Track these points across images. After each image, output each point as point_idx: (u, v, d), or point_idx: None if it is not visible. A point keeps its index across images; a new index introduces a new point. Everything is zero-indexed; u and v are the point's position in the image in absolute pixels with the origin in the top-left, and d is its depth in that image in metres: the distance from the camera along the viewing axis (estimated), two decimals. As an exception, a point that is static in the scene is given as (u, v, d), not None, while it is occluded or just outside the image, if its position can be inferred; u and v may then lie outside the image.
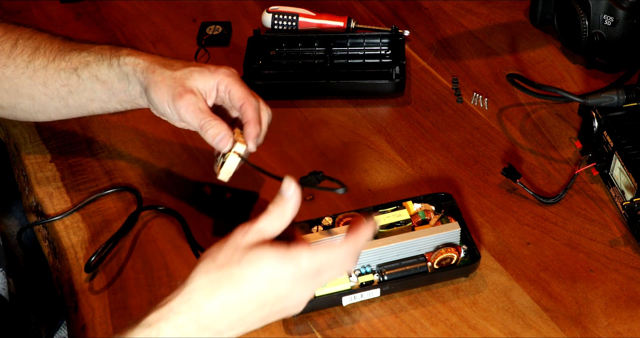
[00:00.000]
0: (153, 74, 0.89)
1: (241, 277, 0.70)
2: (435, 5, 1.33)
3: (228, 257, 0.71)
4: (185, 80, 0.88)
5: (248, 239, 0.72)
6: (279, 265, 0.71)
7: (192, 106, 0.87)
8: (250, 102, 0.89)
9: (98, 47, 0.94)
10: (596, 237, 0.96)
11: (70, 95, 0.95)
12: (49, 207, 1.03)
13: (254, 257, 0.71)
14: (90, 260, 0.93)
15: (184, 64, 0.91)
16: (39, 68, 0.94)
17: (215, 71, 0.90)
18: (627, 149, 0.95)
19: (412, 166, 1.06)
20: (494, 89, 1.17)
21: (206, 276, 0.71)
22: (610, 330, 0.86)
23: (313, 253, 0.72)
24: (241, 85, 0.90)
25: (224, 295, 0.70)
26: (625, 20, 1.10)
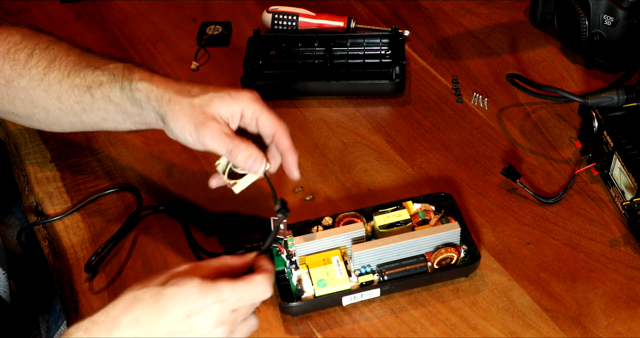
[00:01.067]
0: (169, 103, 0.86)
1: (161, 295, 0.72)
2: (435, 5, 1.33)
3: (156, 280, 0.74)
4: (206, 107, 0.85)
5: (181, 268, 0.75)
6: (200, 292, 0.72)
7: (217, 133, 0.84)
8: (283, 130, 0.86)
9: (112, 65, 0.91)
10: (596, 237, 0.96)
11: (84, 113, 0.93)
12: (49, 207, 1.03)
13: (179, 280, 0.73)
14: (90, 260, 0.93)
15: (201, 88, 0.87)
16: (54, 82, 0.92)
17: (237, 96, 0.86)
18: (627, 149, 0.95)
19: (412, 166, 1.06)
20: (494, 89, 1.17)
21: (130, 292, 0.73)
22: (610, 330, 0.86)
23: (234, 285, 0.73)
24: (269, 112, 0.86)
25: (139, 310, 0.71)
26: (625, 20, 1.10)
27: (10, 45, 0.94)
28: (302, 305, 0.87)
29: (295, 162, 0.87)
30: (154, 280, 0.74)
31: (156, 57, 1.25)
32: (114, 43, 1.27)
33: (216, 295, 0.72)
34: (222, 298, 0.72)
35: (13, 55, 0.93)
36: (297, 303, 0.87)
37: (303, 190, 1.03)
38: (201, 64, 1.23)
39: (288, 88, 1.15)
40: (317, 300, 0.87)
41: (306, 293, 0.88)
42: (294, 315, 0.88)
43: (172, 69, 1.22)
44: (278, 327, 0.88)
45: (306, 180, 1.04)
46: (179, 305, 0.71)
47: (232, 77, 1.20)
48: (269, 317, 0.88)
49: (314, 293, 0.87)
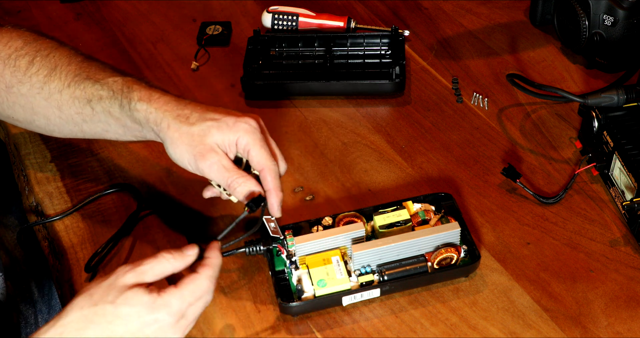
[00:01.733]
0: (168, 130, 0.86)
1: (114, 316, 0.72)
2: (435, 5, 1.33)
3: (103, 295, 0.73)
4: (204, 137, 0.84)
5: (127, 279, 0.74)
6: (152, 309, 0.73)
7: (215, 165, 0.84)
8: (270, 169, 0.86)
9: (112, 79, 0.90)
10: (596, 237, 0.96)
11: (85, 123, 0.93)
12: (49, 207, 1.03)
13: (128, 297, 0.73)
14: (90, 260, 0.93)
15: (200, 114, 0.86)
16: (54, 92, 0.92)
17: (234, 126, 0.85)
18: (627, 149, 0.95)
19: (412, 166, 1.06)
20: (494, 89, 1.17)
21: (80, 311, 0.73)
22: (610, 330, 0.86)
23: (181, 292, 0.75)
24: (261, 146, 0.85)
25: (93, 332, 0.72)
26: (625, 20, 1.10)
27: (12, 51, 0.93)
28: (302, 305, 0.87)
29: (277, 203, 0.87)
30: (101, 293, 0.73)
31: (156, 57, 1.25)
32: (114, 43, 1.27)
33: (167, 310, 0.74)
34: (174, 312, 0.74)
35: (14, 61, 0.93)
36: (297, 303, 0.87)
37: (303, 190, 1.03)
38: (201, 64, 1.23)
39: (288, 88, 1.15)
40: (317, 300, 0.87)
41: (306, 293, 0.88)
42: (294, 315, 0.88)
43: (172, 69, 1.22)
44: (278, 327, 0.88)
45: (306, 180, 1.04)
46: (133, 324, 0.73)
47: (232, 77, 1.20)
48: (269, 317, 0.88)
49: (314, 293, 0.87)
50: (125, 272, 0.75)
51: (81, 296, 0.74)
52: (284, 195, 0.87)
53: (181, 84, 1.20)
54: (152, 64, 1.23)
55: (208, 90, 1.18)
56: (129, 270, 0.75)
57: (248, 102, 1.16)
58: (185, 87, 1.19)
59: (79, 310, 0.73)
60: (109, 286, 0.74)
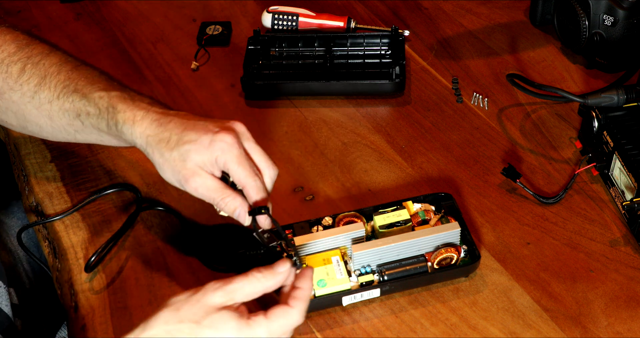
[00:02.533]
0: (153, 154, 0.85)
1: (197, 337, 0.70)
2: (435, 5, 1.33)
3: (190, 312, 0.71)
4: (185, 162, 0.83)
5: (216, 299, 0.72)
6: (237, 335, 0.71)
7: (200, 188, 0.83)
8: (250, 186, 0.83)
9: (98, 95, 0.89)
10: (596, 237, 0.96)
11: (78, 133, 0.93)
12: (49, 207, 1.03)
13: (216, 320, 0.71)
14: (90, 260, 0.93)
15: (178, 136, 0.84)
16: (45, 102, 0.91)
17: (211, 146, 0.82)
18: (627, 149, 0.95)
19: (412, 166, 1.06)
20: (494, 89, 1.17)
21: (165, 326, 0.71)
22: (610, 330, 0.86)
23: (269, 324, 0.72)
24: (238, 164, 0.83)
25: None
26: (625, 20, 1.10)
27: (4, 56, 0.93)
28: (302, 305, 0.87)
29: (262, 217, 0.84)
30: (188, 310, 0.71)
31: (156, 57, 1.25)
32: (114, 43, 1.27)
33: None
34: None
35: (6, 67, 0.92)
36: (297, 303, 0.87)
37: (303, 190, 1.03)
38: (201, 64, 1.23)
39: (288, 88, 1.15)
40: (317, 300, 0.87)
41: (306, 293, 0.88)
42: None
43: (172, 69, 1.22)
44: (278, 327, 0.88)
45: (306, 180, 1.04)
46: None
47: (232, 77, 1.20)
48: (269, 317, 0.88)
49: (314, 293, 0.87)
50: (215, 289, 0.72)
51: (167, 309, 0.72)
52: (284, 197, 0.87)
53: (181, 84, 1.20)
54: (152, 64, 1.23)
55: (208, 90, 1.18)
56: (219, 288, 0.72)
57: (248, 102, 1.16)
58: (185, 87, 1.19)
59: (163, 325, 0.71)
60: (197, 303, 0.71)
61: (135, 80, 1.20)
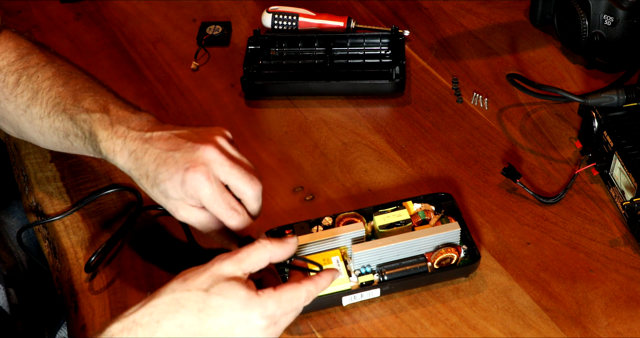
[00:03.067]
0: (140, 185, 0.84)
1: (205, 304, 0.70)
2: (435, 5, 1.32)
3: (199, 281, 0.71)
4: (167, 198, 0.82)
5: (224, 268, 0.72)
6: (246, 307, 0.71)
7: (190, 219, 0.82)
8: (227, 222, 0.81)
9: (82, 119, 0.87)
10: (596, 237, 0.96)
11: (69, 150, 0.93)
12: (49, 207, 1.03)
13: (224, 288, 0.71)
14: (90, 260, 0.93)
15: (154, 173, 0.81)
16: (36, 117, 0.91)
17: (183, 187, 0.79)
18: (627, 149, 0.95)
19: (412, 166, 1.06)
20: (494, 89, 1.17)
21: (172, 294, 0.71)
22: (610, 330, 0.86)
23: (279, 297, 0.72)
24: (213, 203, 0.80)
25: (183, 317, 0.70)
26: (625, 20, 1.10)
27: (4, 64, 0.93)
28: (302, 305, 0.87)
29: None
30: (196, 279, 0.71)
31: (156, 57, 1.25)
32: (114, 43, 1.27)
33: (262, 311, 0.71)
34: (267, 315, 0.72)
35: (4, 76, 0.92)
36: (297, 303, 0.87)
37: (303, 190, 1.03)
38: (201, 64, 1.23)
39: (288, 88, 1.15)
40: (317, 300, 0.87)
41: (306, 293, 0.88)
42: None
43: (172, 69, 1.22)
44: (278, 327, 0.88)
45: (306, 180, 1.04)
46: (224, 317, 0.70)
47: (232, 77, 1.20)
48: (269, 317, 0.88)
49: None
50: (223, 259, 0.72)
51: (176, 280, 0.72)
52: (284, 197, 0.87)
53: (181, 84, 1.20)
54: (152, 64, 1.23)
55: (208, 90, 1.18)
56: (227, 258, 0.72)
57: (248, 102, 1.16)
58: (185, 87, 1.19)
59: (171, 293, 0.71)
60: (205, 273, 0.72)
61: (135, 80, 1.20)
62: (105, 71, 1.22)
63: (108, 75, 1.21)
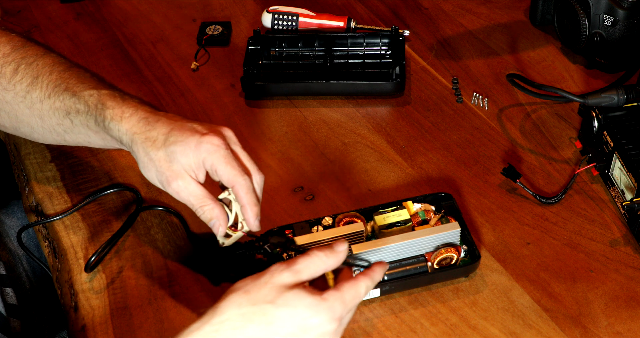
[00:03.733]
0: (138, 152, 0.85)
1: (274, 317, 0.70)
2: (435, 5, 1.33)
3: (262, 294, 0.70)
4: (170, 163, 0.83)
5: (284, 279, 0.72)
6: (316, 313, 0.70)
7: (182, 192, 0.83)
8: (240, 184, 0.83)
9: (88, 93, 0.89)
10: (596, 237, 0.96)
11: (66, 133, 0.93)
12: (49, 207, 1.03)
13: (289, 298, 0.70)
14: (90, 260, 0.93)
15: (165, 136, 0.83)
16: (36, 101, 0.91)
17: (197, 148, 0.82)
18: (627, 149, 0.95)
19: (412, 166, 1.06)
20: (494, 89, 1.17)
21: (238, 309, 0.70)
22: (610, 330, 0.86)
23: (342, 296, 0.72)
24: (226, 164, 0.83)
25: (254, 331, 0.69)
26: (625, 20, 1.10)
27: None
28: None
29: (252, 217, 0.84)
30: (259, 292, 0.71)
31: (156, 57, 1.25)
32: (114, 43, 1.27)
33: (331, 315, 0.71)
34: (336, 317, 0.71)
35: (0, 68, 0.93)
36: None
37: (303, 190, 1.03)
38: (201, 64, 1.23)
39: (288, 88, 1.15)
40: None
41: (306, 293, 0.88)
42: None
43: (172, 69, 1.22)
44: (278, 327, 0.88)
45: (306, 180, 1.04)
46: (295, 327, 0.70)
47: (232, 77, 1.20)
48: (269, 317, 0.88)
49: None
50: (282, 270, 0.72)
51: (236, 293, 0.71)
52: (284, 197, 0.87)
53: (181, 84, 1.20)
54: (152, 64, 1.23)
55: (208, 90, 1.18)
56: (285, 269, 0.72)
57: (248, 102, 1.16)
58: (185, 87, 1.19)
59: (236, 308, 0.70)
60: (267, 285, 0.71)
61: (135, 80, 1.20)
62: (105, 71, 1.22)
63: (108, 75, 1.21)
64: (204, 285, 0.92)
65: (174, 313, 0.90)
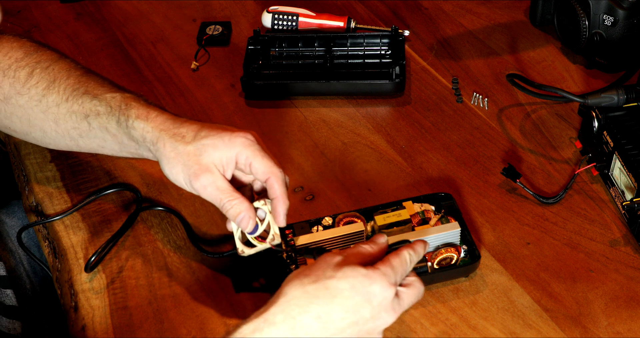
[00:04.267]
0: (164, 149, 0.84)
1: (337, 289, 0.73)
2: (435, 5, 1.33)
3: (321, 272, 0.74)
4: (200, 157, 0.83)
5: (336, 259, 0.76)
6: (374, 280, 0.74)
7: (210, 187, 0.83)
8: (276, 176, 0.85)
9: (110, 95, 0.90)
10: (596, 237, 0.96)
11: (81, 138, 0.93)
12: (49, 207, 1.03)
13: (347, 271, 0.74)
14: (90, 260, 0.93)
15: (195, 132, 0.85)
16: (52, 105, 0.91)
17: (231, 142, 0.84)
18: (627, 149, 0.95)
19: (412, 166, 1.06)
20: (494, 89, 1.17)
21: (302, 288, 0.73)
22: (610, 330, 0.86)
23: (390, 263, 0.76)
24: (263, 156, 0.84)
25: (319, 307, 0.72)
26: (625, 20, 1.10)
27: (12, 61, 0.93)
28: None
29: (284, 211, 0.86)
30: (318, 271, 0.74)
31: (156, 57, 1.25)
32: (114, 43, 1.28)
33: (387, 279, 0.75)
34: (392, 282, 0.75)
35: (14, 72, 0.92)
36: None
37: (303, 190, 1.03)
38: (201, 64, 1.23)
39: (288, 88, 1.16)
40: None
41: (306, 293, 0.88)
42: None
43: (172, 69, 1.22)
44: (278, 327, 0.88)
45: (306, 180, 1.04)
46: (359, 295, 0.73)
47: (232, 77, 1.20)
48: (269, 317, 0.88)
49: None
50: (333, 255, 0.76)
51: (296, 277, 0.74)
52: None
53: (181, 83, 1.20)
54: (152, 64, 1.23)
55: (208, 90, 1.18)
56: (336, 254, 0.77)
57: (248, 102, 1.16)
58: (185, 87, 1.19)
59: (300, 287, 0.73)
60: (323, 264, 0.75)
61: (135, 80, 1.20)
62: (105, 71, 1.22)
63: (108, 75, 1.21)
64: (204, 285, 0.92)
65: (174, 313, 0.90)
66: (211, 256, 0.94)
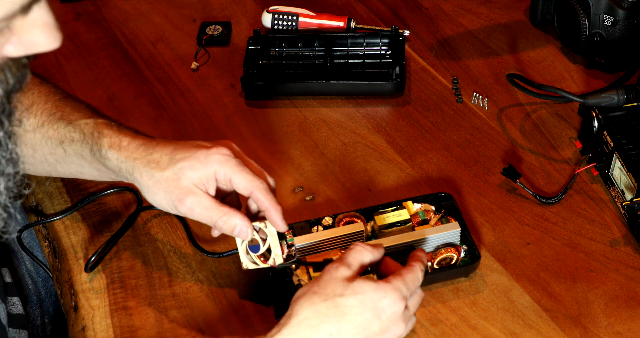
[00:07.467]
0: (141, 178, 0.83)
1: (347, 307, 0.74)
2: (435, 5, 1.33)
3: (330, 290, 0.75)
4: (179, 181, 0.81)
5: (342, 273, 0.76)
6: (384, 294, 0.75)
7: (197, 208, 0.81)
8: (258, 187, 0.83)
9: (84, 122, 0.87)
10: (596, 237, 0.96)
11: (58, 164, 0.91)
12: (49, 207, 1.03)
13: (356, 287, 0.75)
14: (90, 260, 0.93)
15: (169, 155, 0.82)
16: (29, 130, 0.89)
17: (207, 160, 0.82)
18: (627, 149, 0.95)
19: (412, 166, 1.06)
20: (494, 89, 1.17)
21: (312, 307, 0.74)
22: (610, 330, 0.86)
23: (403, 278, 0.77)
24: (242, 171, 0.82)
25: (331, 325, 0.73)
26: (625, 20, 1.10)
27: None
28: (302, 305, 0.87)
29: (278, 218, 0.85)
30: (327, 288, 0.75)
31: (156, 57, 1.25)
32: (114, 43, 1.27)
33: (398, 294, 0.75)
34: (402, 296, 0.75)
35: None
36: (297, 303, 0.87)
37: (303, 190, 1.03)
38: (201, 64, 1.23)
39: (288, 88, 1.15)
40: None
41: (306, 293, 0.88)
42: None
43: (172, 69, 1.22)
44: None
45: (306, 180, 1.04)
46: (368, 311, 0.74)
47: (232, 77, 1.20)
48: (268, 318, 0.88)
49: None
50: (336, 267, 0.76)
51: (305, 295, 0.75)
52: (284, 197, 0.87)
53: (181, 83, 1.20)
54: (152, 64, 1.23)
55: (208, 90, 1.18)
56: (339, 265, 0.77)
57: (248, 102, 1.16)
58: (185, 87, 1.19)
59: (310, 306, 0.74)
60: (330, 281, 0.75)
61: (135, 80, 1.20)
62: (105, 71, 1.22)
63: (108, 75, 1.21)
64: (204, 285, 0.92)
65: (174, 313, 0.90)
66: (211, 256, 0.95)
